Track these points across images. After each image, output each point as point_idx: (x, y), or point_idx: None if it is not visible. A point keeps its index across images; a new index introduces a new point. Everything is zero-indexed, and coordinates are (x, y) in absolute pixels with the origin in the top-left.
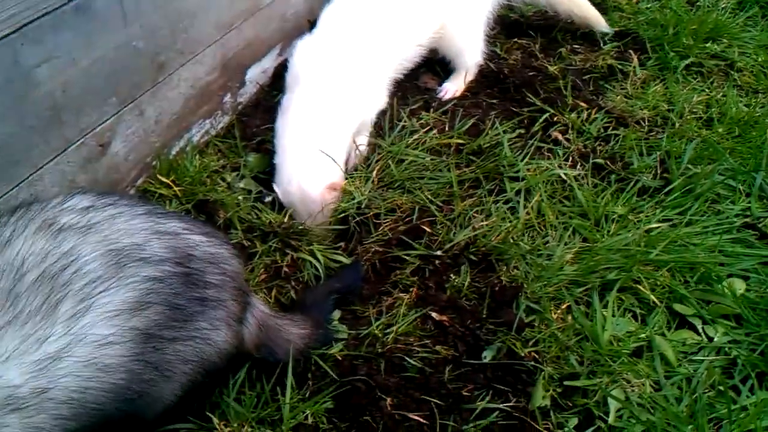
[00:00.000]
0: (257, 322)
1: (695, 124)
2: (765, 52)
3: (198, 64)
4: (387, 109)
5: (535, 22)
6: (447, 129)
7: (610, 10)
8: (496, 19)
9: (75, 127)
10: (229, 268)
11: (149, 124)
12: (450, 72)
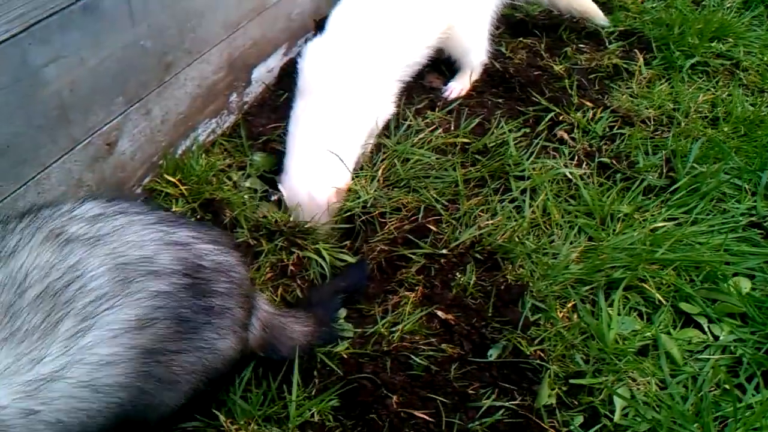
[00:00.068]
0: (262, 323)
1: (701, 123)
2: None
3: (205, 63)
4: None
5: (541, 21)
6: (452, 128)
7: (615, 9)
8: (501, 19)
9: (82, 127)
10: (236, 275)
11: (156, 123)
12: (455, 71)
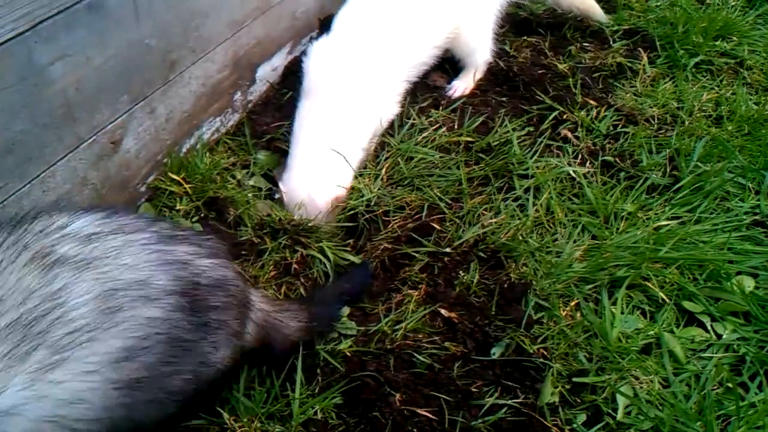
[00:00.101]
0: (257, 325)
1: (705, 121)
2: None
3: (209, 62)
4: None
5: (545, 19)
6: (456, 127)
7: (619, 8)
8: (505, 17)
9: (87, 125)
10: (233, 289)
11: (160, 121)
12: (459, 70)
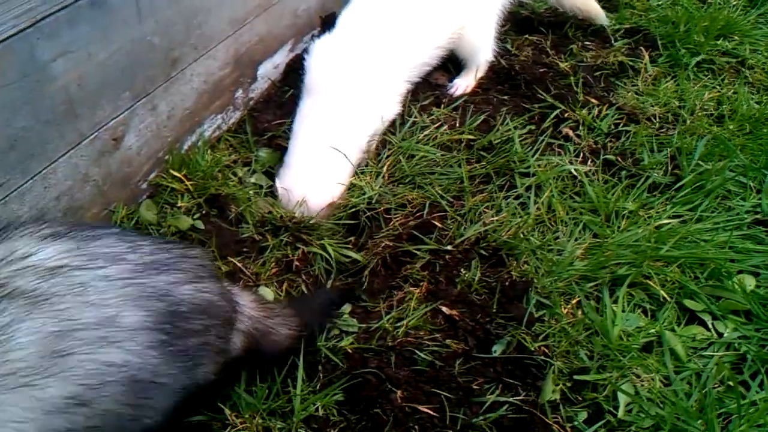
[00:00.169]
0: (245, 334)
1: (706, 120)
2: None
3: (211, 59)
4: None
5: (546, 18)
6: (458, 125)
7: (621, 6)
8: (507, 16)
9: (89, 121)
10: (216, 310)
11: (162, 118)
12: (460, 68)
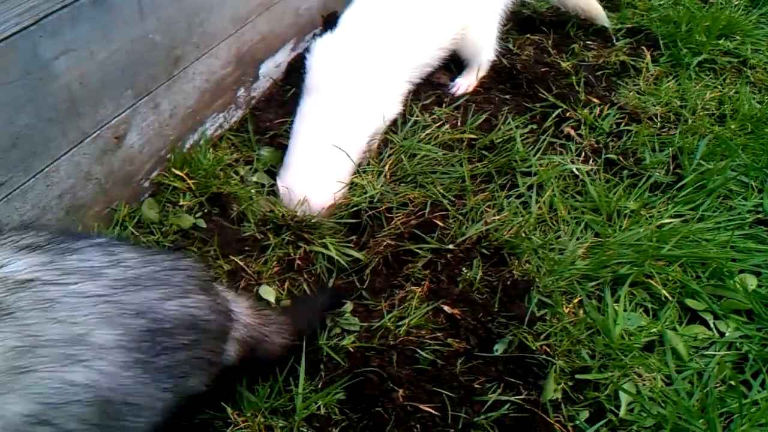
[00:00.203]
0: (239, 342)
1: (708, 120)
2: None
3: (213, 57)
4: None
5: (548, 18)
6: (459, 124)
7: (623, 6)
8: (509, 15)
9: (91, 120)
10: (206, 324)
11: (164, 117)
12: (462, 67)
